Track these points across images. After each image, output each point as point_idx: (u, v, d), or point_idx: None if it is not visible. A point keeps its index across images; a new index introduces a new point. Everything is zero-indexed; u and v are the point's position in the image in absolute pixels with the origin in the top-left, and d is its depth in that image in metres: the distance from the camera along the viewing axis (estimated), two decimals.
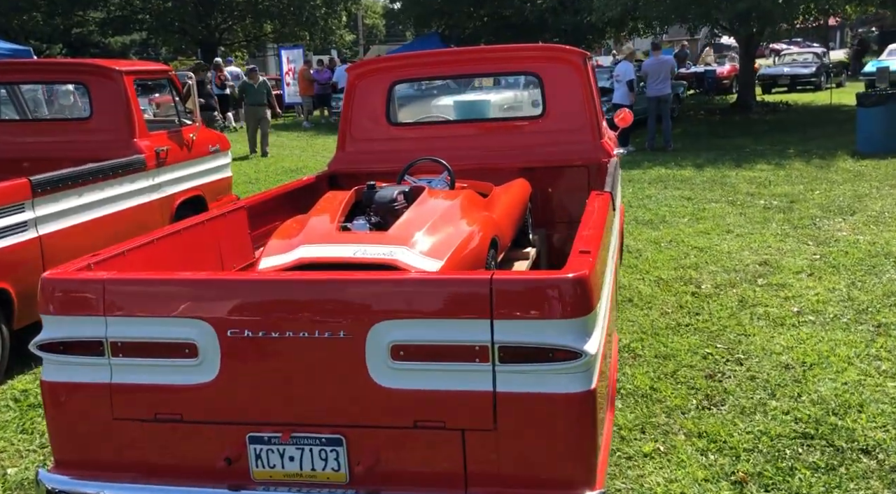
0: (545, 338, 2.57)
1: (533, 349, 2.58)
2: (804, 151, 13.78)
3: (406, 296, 2.67)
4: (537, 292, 2.58)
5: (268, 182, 13.22)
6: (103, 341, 2.89)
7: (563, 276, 2.57)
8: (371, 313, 2.68)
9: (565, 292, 2.56)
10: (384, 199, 3.75)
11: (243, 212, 4.44)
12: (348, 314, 2.70)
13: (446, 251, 3.33)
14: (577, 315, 2.57)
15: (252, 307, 2.76)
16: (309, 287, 2.76)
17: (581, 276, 2.58)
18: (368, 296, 2.70)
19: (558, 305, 2.56)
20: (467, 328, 2.61)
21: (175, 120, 7.57)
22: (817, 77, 26.88)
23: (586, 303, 2.59)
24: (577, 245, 2.98)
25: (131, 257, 3.43)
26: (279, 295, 2.77)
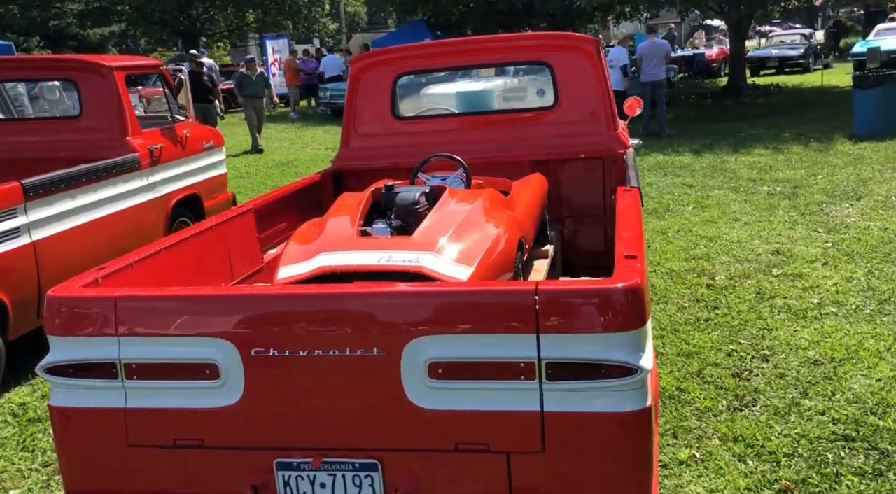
0: (596, 353, 2.39)
1: (583, 365, 2.41)
2: (800, 135, 13.67)
3: (444, 310, 2.49)
4: (587, 303, 2.40)
5: (259, 176, 12.98)
6: (116, 363, 2.69)
7: (614, 286, 2.40)
8: (406, 328, 2.50)
9: (617, 303, 2.39)
10: (406, 201, 3.55)
11: (251, 216, 4.24)
12: (382, 330, 2.51)
13: (475, 256, 3.14)
14: (631, 327, 2.40)
15: (277, 323, 2.58)
16: (338, 301, 2.57)
17: (633, 285, 2.40)
18: (403, 310, 2.51)
19: (610, 317, 2.39)
20: (511, 343, 2.44)
21: (167, 116, 7.32)
22: (805, 59, 26.83)
23: (640, 314, 2.41)
24: (619, 249, 2.80)
25: (140, 269, 3.23)
26: (306, 311, 2.58)
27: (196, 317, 2.64)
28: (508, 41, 5.40)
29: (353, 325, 2.53)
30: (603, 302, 2.39)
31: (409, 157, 5.31)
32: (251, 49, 43.42)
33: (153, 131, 6.90)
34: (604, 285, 2.42)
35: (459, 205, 3.57)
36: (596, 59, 5.10)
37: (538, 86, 6.37)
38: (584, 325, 2.39)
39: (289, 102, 23.45)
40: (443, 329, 2.48)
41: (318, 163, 14.09)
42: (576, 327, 2.40)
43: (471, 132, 5.33)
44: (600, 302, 2.39)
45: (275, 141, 17.44)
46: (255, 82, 15.95)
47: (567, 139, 5.15)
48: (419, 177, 4.39)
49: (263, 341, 2.58)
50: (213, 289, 2.82)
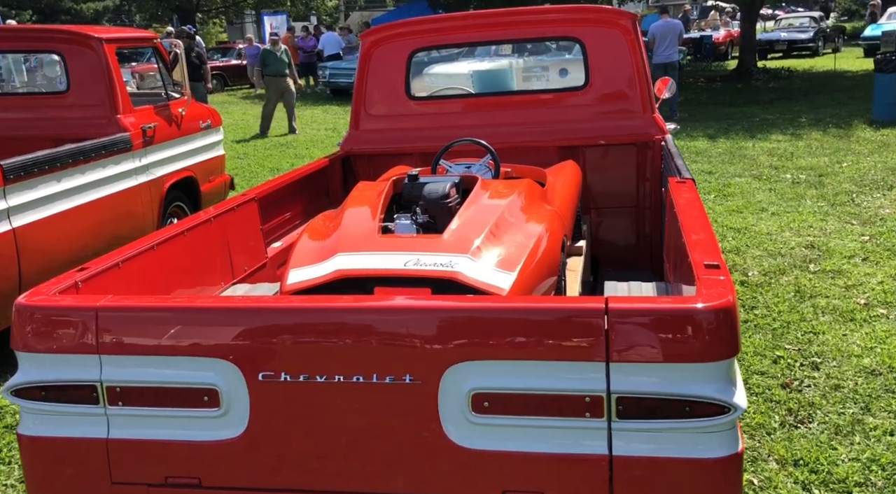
0: (680, 387, 1.97)
1: (662, 401, 1.99)
2: (817, 120, 13.22)
3: (492, 330, 2.06)
4: (669, 326, 1.97)
5: (257, 157, 12.50)
6: (97, 385, 2.27)
7: (703, 306, 1.97)
8: (446, 352, 2.07)
9: (706, 326, 1.96)
10: (434, 194, 3.10)
11: (253, 206, 3.79)
12: (416, 352, 2.09)
13: (516, 261, 2.70)
14: (722, 356, 1.98)
15: (290, 342, 2.15)
16: (364, 316, 2.13)
17: (725, 305, 1.97)
18: (443, 330, 2.08)
19: (698, 343, 1.96)
20: (574, 372, 2.01)
21: (162, 93, 6.84)
22: (814, 42, 26.28)
23: (732, 341, 1.99)
24: (694, 255, 2.36)
25: (128, 269, 2.78)
26: (325, 327, 2.15)
27: (193, 333, 2.21)
28: (535, 14, 4.94)
29: (382, 346, 2.11)
30: (689, 325, 1.96)
31: (424, 141, 4.87)
32: (248, 26, 42.63)
33: (146, 109, 6.43)
34: (690, 305, 1.99)
35: (495, 200, 3.13)
36: (632, 34, 4.64)
37: (563, 65, 5.93)
38: (664, 353, 1.97)
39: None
40: (490, 353, 2.05)
41: (318, 144, 13.61)
42: (654, 355, 1.97)
43: (492, 114, 4.88)
44: (685, 324, 1.97)
45: (273, 120, 16.88)
46: (280, 59, 14.68)
47: (599, 122, 4.72)
48: (441, 164, 3.94)
49: (273, 363, 2.16)
50: (215, 300, 2.38)
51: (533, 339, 2.03)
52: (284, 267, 2.87)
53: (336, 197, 4.96)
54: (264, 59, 14.88)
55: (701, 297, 2.00)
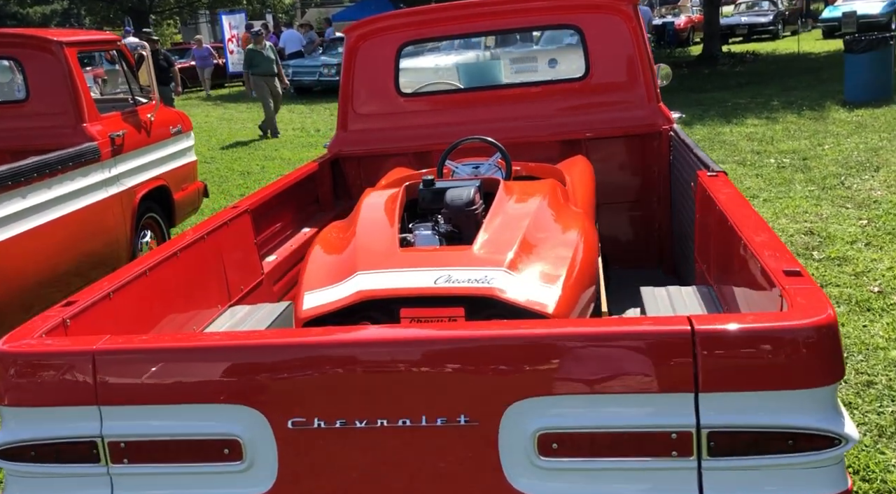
0: (782, 418, 1.73)
1: (761, 435, 1.74)
2: (790, 103, 13.16)
3: (558, 359, 1.80)
4: (767, 348, 1.73)
5: (224, 160, 12.09)
6: (97, 441, 1.96)
7: (803, 323, 1.72)
8: (506, 387, 1.80)
9: (809, 346, 1.71)
10: (459, 201, 2.81)
11: (246, 218, 3.48)
12: (471, 389, 1.82)
13: (558, 273, 2.44)
14: (827, 380, 1.73)
15: (324, 383, 1.86)
16: (409, 349, 1.86)
17: (828, 322, 1.73)
18: (501, 361, 1.81)
19: (800, 367, 1.72)
20: (658, 406, 1.76)
21: (128, 98, 6.45)
22: (774, 25, 26.44)
23: (838, 363, 1.75)
24: (767, 261, 2.12)
25: (120, 300, 2.47)
26: (365, 364, 1.86)
27: (209, 377, 1.92)
28: (530, 2, 4.67)
29: (432, 383, 1.83)
30: (789, 346, 1.72)
31: (417, 140, 4.60)
32: (202, 27, 41.78)
33: (113, 116, 6.05)
34: (788, 322, 1.74)
35: (522, 205, 2.86)
36: (634, 21, 4.41)
37: (554, 55, 5.68)
38: (762, 379, 1.72)
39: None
40: (558, 387, 1.79)
41: (287, 144, 13.23)
42: (750, 382, 1.72)
43: (488, 109, 4.61)
44: (785, 345, 1.72)
45: (236, 122, 16.47)
46: (267, 58, 13.77)
47: (601, 114, 4.48)
48: (447, 165, 3.66)
49: (304, 407, 1.87)
50: (232, 338, 2.08)
51: (608, 369, 1.77)
52: (297, 290, 2.57)
53: (326, 203, 4.67)
54: (251, 59, 14.02)
55: (798, 313, 1.76)
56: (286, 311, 3.09)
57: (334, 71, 19.95)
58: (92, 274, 5.65)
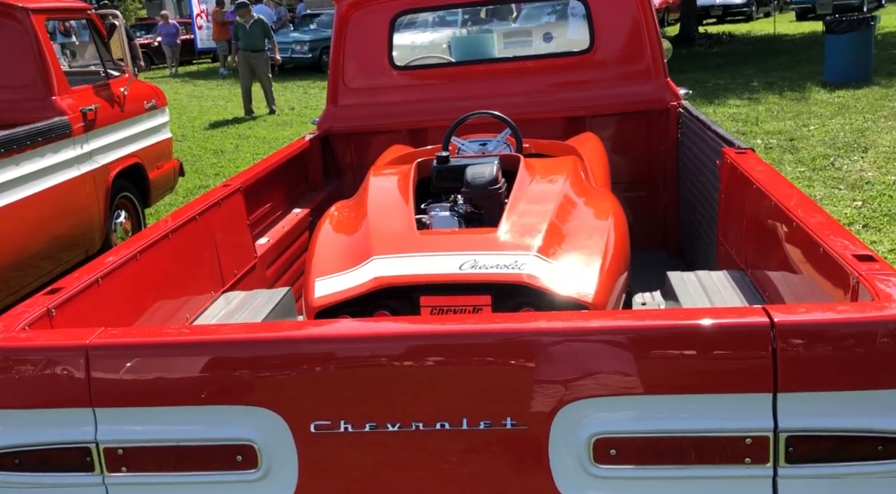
0: (870, 421, 1.55)
1: (846, 440, 1.56)
2: (770, 84, 13.11)
3: (617, 355, 1.60)
4: (853, 342, 1.55)
5: (196, 139, 11.72)
6: (91, 447, 1.73)
7: (888, 316, 1.54)
8: (559, 386, 1.61)
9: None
10: (481, 178, 2.59)
11: (239, 197, 3.23)
12: (520, 389, 1.62)
13: (595, 258, 2.24)
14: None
15: (352, 381, 1.65)
16: (449, 342, 1.65)
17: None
18: (553, 357, 1.62)
19: (890, 363, 1.54)
20: (731, 407, 1.58)
21: (100, 70, 6.12)
22: (748, 7, 26.44)
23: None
24: (832, 244, 1.94)
25: (109, 286, 2.23)
26: (399, 360, 1.66)
27: (221, 375, 1.70)
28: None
29: (475, 382, 1.63)
30: (878, 340, 1.54)
31: (412, 116, 4.37)
32: (167, 1, 40.79)
33: (84, 89, 5.72)
34: (878, 314, 1.56)
35: (547, 184, 2.65)
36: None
37: (548, 29, 5.46)
38: (848, 378, 1.54)
39: (216, 58, 21.82)
40: (617, 387, 1.60)
41: (261, 123, 12.87)
42: (835, 381, 1.54)
43: (487, 84, 4.39)
44: (874, 339, 1.54)
45: (207, 99, 16.04)
46: (251, 32, 13.11)
47: (606, 89, 4.28)
48: (453, 142, 3.44)
49: (329, 408, 1.66)
50: (247, 330, 1.86)
51: (674, 367, 1.58)
52: (305, 276, 2.35)
53: (316, 182, 4.43)
54: (236, 32, 13.48)
55: (887, 303, 1.58)
56: (286, 298, 2.87)
57: (307, 48, 19.56)
58: (63, 256, 5.36)
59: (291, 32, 20.35)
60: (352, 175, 4.57)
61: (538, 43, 5.72)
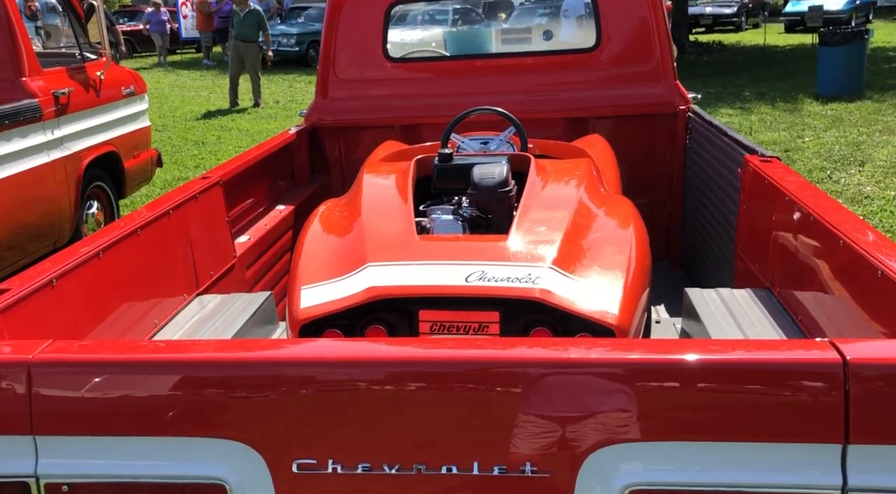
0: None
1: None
2: (761, 94, 12.98)
3: (657, 392, 1.36)
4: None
5: (177, 129, 11.38)
6: (31, 483, 1.47)
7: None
8: (587, 428, 1.36)
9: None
10: (490, 179, 2.33)
11: (218, 191, 2.96)
12: (542, 430, 1.37)
13: (616, 275, 2.00)
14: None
15: (341, 413, 1.40)
16: (456, 368, 1.40)
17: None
18: (582, 393, 1.37)
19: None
20: (789, 459, 1.34)
21: (75, 53, 5.80)
22: (738, 17, 26.42)
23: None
24: (888, 263, 1.71)
25: (66, 287, 1.95)
26: (399, 390, 1.41)
27: (187, 400, 1.44)
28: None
29: (488, 419, 1.38)
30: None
31: (406, 112, 4.12)
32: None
33: (57, 71, 5.40)
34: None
35: (561, 188, 2.41)
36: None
37: (547, 27, 5.24)
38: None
39: (200, 48, 21.43)
40: (657, 431, 1.35)
41: (245, 115, 12.55)
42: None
43: (485, 80, 4.15)
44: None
45: (190, 90, 15.68)
46: (245, 21, 12.62)
47: (612, 90, 4.05)
48: (452, 139, 3.19)
49: (315, 445, 1.41)
50: (218, 347, 1.59)
51: (726, 409, 1.34)
52: (290, 284, 2.09)
53: (302, 177, 4.16)
54: (232, 20, 13.10)
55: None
56: (266, 304, 2.61)
57: (294, 41, 19.24)
58: (29, 247, 5.05)
59: (279, 25, 20.01)
60: (340, 171, 4.32)
61: (538, 43, 5.47)
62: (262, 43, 13.08)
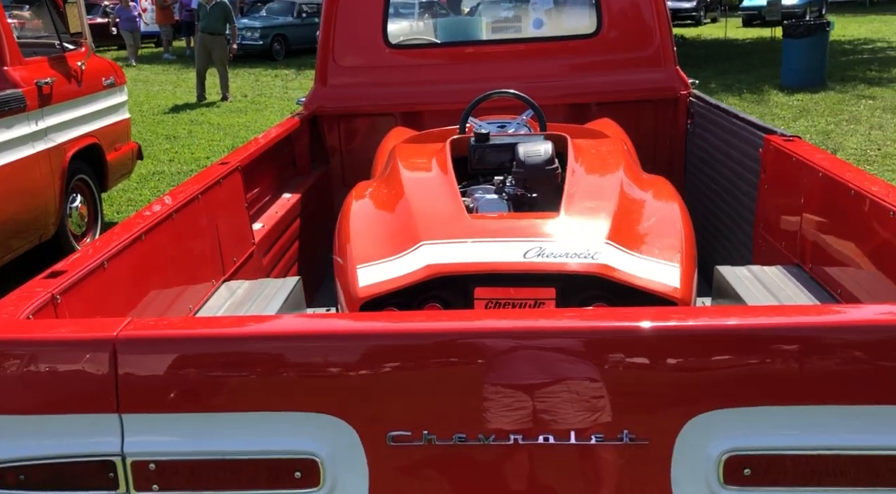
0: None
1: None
2: (727, 86, 13.20)
3: (754, 358, 1.38)
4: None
5: (146, 123, 11.17)
6: (116, 461, 1.44)
7: None
8: (687, 395, 1.38)
9: None
10: (536, 157, 2.33)
11: (237, 177, 2.92)
12: (641, 398, 1.39)
13: (672, 248, 2.02)
14: None
15: (436, 384, 1.40)
16: (559, 341, 1.40)
17: None
18: (683, 360, 1.39)
19: None
20: (884, 420, 1.37)
21: (55, 42, 5.66)
22: (697, 11, 26.80)
23: None
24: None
25: (114, 270, 1.91)
26: (493, 360, 1.40)
27: (278, 376, 1.42)
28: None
29: (586, 389, 1.39)
30: None
31: (407, 99, 4.10)
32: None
33: (39, 61, 5.26)
34: None
35: (604, 166, 2.42)
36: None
37: (539, 15, 5.24)
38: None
39: (160, 42, 21.06)
40: (755, 396, 1.37)
41: (214, 109, 12.37)
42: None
43: (487, 66, 4.15)
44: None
45: (153, 84, 15.40)
46: (211, 14, 12.39)
47: (613, 76, 4.08)
48: (470, 123, 3.19)
49: (409, 417, 1.40)
50: (308, 322, 1.57)
51: (822, 373, 1.37)
52: (342, 264, 2.07)
53: (303, 166, 4.12)
54: (198, 13, 12.87)
55: None
56: (296, 289, 2.58)
57: (258, 34, 19.01)
58: (13, 243, 4.92)
59: (241, 18, 19.74)
60: (339, 159, 4.28)
61: (528, 28, 5.48)
62: (228, 36, 12.89)
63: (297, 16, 20.26)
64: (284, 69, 17.33)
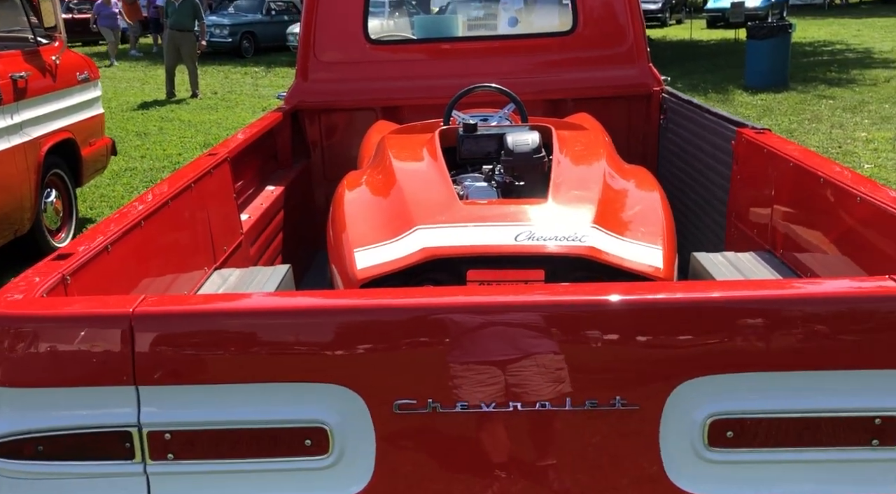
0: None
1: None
2: (693, 85, 13.43)
3: (737, 328, 1.48)
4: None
5: (116, 119, 11.08)
6: (132, 432, 1.50)
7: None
8: (675, 363, 1.48)
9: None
10: (525, 146, 2.42)
11: (226, 168, 2.97)
12: (632, 365, 1.48)
13: (657, 231, 2.13)
14: None
15: (441, 355, 1.48)
16: (553, 312, 1.49)
17: None
18: (673, 330, 1.49)
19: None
20: (857, 384, 1.49)
21: (28, 36, 5.63)
22: (663, 13, 27.15)
23: None
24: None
25: (117, 253, 1.97)
26: (493, 332, 1.49)
27: (288, 348, 1.49)
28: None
29: (580, 358, 1.48)
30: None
31: (388, 93, 4.17)
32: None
33: (12, 54, 5.24)
34: None
35: (588, 155, 2.52)
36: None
37: (514, 13, 5.34)
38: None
39: (126, 39, 20.83)
40: (737, 363, 1.48)
41: (184, 106, 12.30)
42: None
43: (466, 62, 4.23)
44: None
45: (122, 81, 15.25)
46: (180, 10, 12.35)
47: (588, 72, 4.19)
48: (454, 116, 3.27)
49: (415, 386, 1.48)
50: (315, 297, 1.64)
51: (799, 341, 1.47)
52: (337, 248, 2.14)
53: (285, 159, 4.17)
54: (166, 10, 12.74)
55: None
56: (287, 276, 2.64)
57: (226, 32, 18.91)
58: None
59: (210, 15, 19.61)
60: (320, 153, 4.34)
61: (503, 27, 5.58)
62: (197, 32, 12.82)
63: (265, 13, 20.20)
64: (254, 67, 17.28)
